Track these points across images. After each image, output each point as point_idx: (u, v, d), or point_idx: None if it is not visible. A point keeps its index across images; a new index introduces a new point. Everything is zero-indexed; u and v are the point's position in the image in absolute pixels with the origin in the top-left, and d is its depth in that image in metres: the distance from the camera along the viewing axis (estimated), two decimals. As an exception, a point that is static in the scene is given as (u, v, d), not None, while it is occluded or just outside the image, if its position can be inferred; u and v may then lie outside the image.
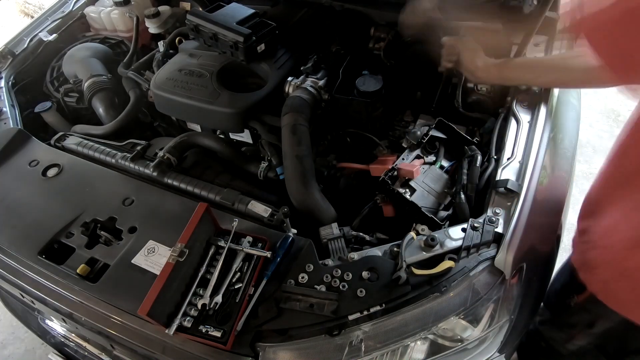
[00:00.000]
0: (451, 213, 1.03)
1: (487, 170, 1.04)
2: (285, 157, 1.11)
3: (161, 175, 1.17)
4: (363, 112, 1.22)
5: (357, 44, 1.46)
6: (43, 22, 1.71)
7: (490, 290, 0.84)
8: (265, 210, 1.04)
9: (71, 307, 0.96)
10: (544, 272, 1.04)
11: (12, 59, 1.56)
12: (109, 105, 1.46)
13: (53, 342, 1.44)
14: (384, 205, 1.10)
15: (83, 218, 1.05)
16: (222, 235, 0.94)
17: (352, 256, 0.90)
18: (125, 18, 1.68)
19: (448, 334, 0.85)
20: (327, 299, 0.81)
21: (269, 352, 0.82)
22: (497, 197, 0.93)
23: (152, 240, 0.98)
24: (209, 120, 1.28)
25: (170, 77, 1.29)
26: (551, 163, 1.03)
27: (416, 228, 0.90)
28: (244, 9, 1.34)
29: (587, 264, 0.99)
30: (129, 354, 1.04)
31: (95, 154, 1.25)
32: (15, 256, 1.02)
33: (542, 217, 0.96)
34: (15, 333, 2.03)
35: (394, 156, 1.15)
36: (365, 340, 0.80)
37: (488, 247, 0.86)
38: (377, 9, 1.39)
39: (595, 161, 2.55)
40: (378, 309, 0.81)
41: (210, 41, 1.30)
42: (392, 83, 1.23)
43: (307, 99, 1.18)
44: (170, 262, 0.80)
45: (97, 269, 0.98)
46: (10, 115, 1.39)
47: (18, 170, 1.20)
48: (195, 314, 0.83)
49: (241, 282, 0.87)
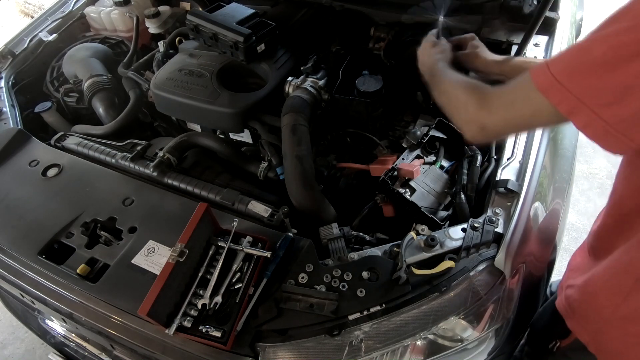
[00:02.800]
0: (451, 213, 1.03)
1: (487, 170, 1.04)
2: (285, 157, 1.11)
3: (161, 175, 1.17)
4: (363, 112, 1.22)
5: (357, 44, 1.46)
6: (43, 22, 1.71)
7: (490, 290, 0.84)
8: (265, 210, 1.04)
9: (71, 307, 0.96)
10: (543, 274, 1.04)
11: (12, 59, 1.56)
12: (109, 105, 1.46)
13: (53, 342, 1.44)
14: (384, 205, 1.10)
15: (83, 218, 1.05)
16: (222, 235, 0.94)
17: (352, 256, 0.90)
18: (125, 18, 1.68)
19: (448, 334, 0.85)
20: (327, 299, 0.81)
21: (269, 352, 0.82)
22: (497, 197, 0.93)
23: (152, 240, 0.98)
24: (209, 120, 1.28)
25: (170, 77, 1.29)
26: (551, 163, 1.03)
27: (416, 228, 0.90)
28: (244, 9, 1.34)
29: (575, 312, 0.89)
30: (129, 354, 1.04)
31: (95, 154, 1.25)
32: (15, 256, 1.02)
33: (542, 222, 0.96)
34: (15, 333, 2.03)
35: (394, 156, 1.15)
36: (365, 340, 0.80)
37: (488, 247, 0.87)
38: (377, 9, 1.39)
39: (595, 161, 2.55)
40: (378, 309, 0.81)
41: (210, 41, 1.30)
42: (392, 83, 1.23)
43: (307, 99, 1.18)
44: (170, 262, 0.80)
45: (97, 269, 0.98)
46: (10, 115, 1.39)
47: (18, 170, 1.20)
48: (195, 314, 0.82)
49: (241, 282, 0.87)
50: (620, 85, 0.51)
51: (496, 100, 0.70)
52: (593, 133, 0.55)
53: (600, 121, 0.53)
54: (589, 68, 0.53)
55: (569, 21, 1.33)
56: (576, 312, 0.89)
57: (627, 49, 0.49)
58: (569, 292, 0.91)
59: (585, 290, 0.86)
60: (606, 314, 0.79)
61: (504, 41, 1.25)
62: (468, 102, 0.73)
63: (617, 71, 0.50)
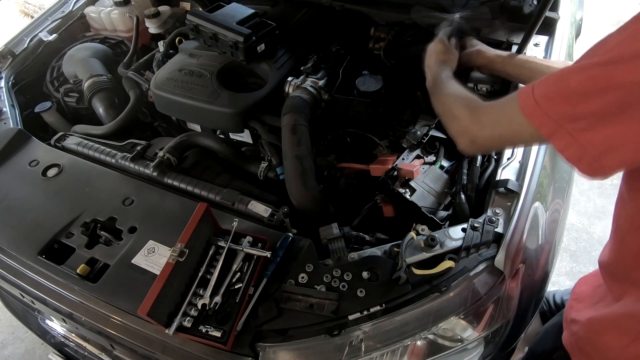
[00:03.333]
0: (451, 213, 1.03)
1: (487, 170, 1.04)
2: (285, 157, 1.11)
3: (161, 175, 1.17)
4: (363, 112, 1.22)
5: (357, 44, 1.46)
6: (43, 22, 1.71)
7: (490, 290, 0.84)
8: (265, 210, 1.04)
9: (71, 307, 0.96)
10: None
11: (12, 59, 1.56)
12: (109, 105, 1.46)
13: (53, 342, 1.44)
14: (384, 205, 1.10)
15: (83, 218, 1.05)
16: (222, 235, 0.94)
17: (352, 256, 0.90)
18: (125, 18, 1.68)
19: (448, 334, 0.85)
20: (327, 299, 0.81)
21: (269, 352, 0.82)
22: (497, 197, 0.93)
23: (152, 240, 0.98)
24: (209, 120, 1.28)
25: (170, 77, 1.29)
26: (551, 163, 1.03)
27: (416, 228, 0.90)
28: (244, 9, 1.34)
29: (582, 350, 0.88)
30: (129, 354, 1.04)
31: (95, 154, 1.25)
32: (15, 256, 1.02)
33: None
34: (15, 333, 2.03)
35: (394, 156, 1.15)
36: (365, 340, 0.80)
37: (488, 247, 0.86)
38: (377, 9, 1.39)
39: (595, 161, 2.54)
40: (378, 309, 0.81)
41: (210, 41, 1.30)
42: (392, 83, 1.23)
43: (307, 99, 1.18)
44: (170, 262, 0.80)
45: (97, 269, 0.98)
46: (10, 115, 1.39)
47: (18, 170, 1.20)
48: (195, 314, 0.82)
49: (241, 282, 0.87)
50: (591, 114, 0.55)
51: (486, 117, 0.74)
52: (570, 155, 0.59)
53: (577, 144, 0.57)
54: (567, 96, 0.57)
55: (569, 21, 1.33)
56: (583, 350, 0.88)
57: (598, 81, 0.53)
58: (574, 328, 0.91)
59: (591, 329, 0.86)
60: (612, 356, 0.79)
61: (504, 41, 1.25)
62: (461, 115, 0.78)
63: (589, 101, 0.54)
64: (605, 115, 0.53)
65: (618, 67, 0.51)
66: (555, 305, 1.62)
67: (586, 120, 0.55)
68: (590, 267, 1.93)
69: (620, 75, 0.51)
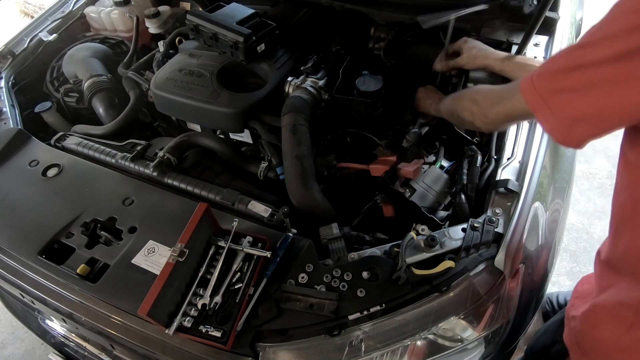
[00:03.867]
0: (451, 213, 1.03)
1: (487, 170, 1.04)
2: (285, 157, 1.11)
3: (161, 175, 1.17)
4: (363, 112, 1.22)
5: (357, 44, 1.46)
6: (43, 22, 1.71)
7: (490, 290, 0.84)
8: (265, 210, 1.04)
9: (71, 307, 0.96)
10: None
11: (12, 59, 1.56)
12: (109, 105, 1.46)
13: (53, 342, 1.44)
14: (384, 205, 1.10)
15: (83, 218, 1.05)
16: (222, 235, 0.94)
17: (352, 256, 0.90)
18: (125, 18, 1.68)
19: (448, 334, 0.85)
20: (327, 299, 0.81)
21: (269, 352, 0.82)
22: (497, 197, 0.93)
23: (152, 240, 0.98)
24: (209, 120, 1.28)
25: (170, 77, 1.29)
26: (551, 163, 1.03)
27: (416, 228, 0.90)
28: (244, 9, 1.34)
29: (580, 346, 0.92)
30: (129, 354, 1.04)
31: (95, 154, 1.25)
32: (15, 256, 1.02)
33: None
34: (15, 333, 2.03)
35: (394, 156, 1.15)
36: (365, 340, 0.80)
37: (488, 247, 0.86)
38: (377, 9, 1.39)
39: (595, 161, 2.55)
40: (378, 309, 0.81)
41: (210, 41, 1.30)
42: (392, 83, 1.23)
43: (307, 99, 1.18)
44: (170, 262, 0.80)
45: (97, 269, 0.98)
46: (10, 115, 1.39)
47: (18, 170, 1.20)
48: (195, 314, 0.83)
49: (241, 282, 0.87)
50: (568, 89, 0.63)
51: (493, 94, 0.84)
52: (548, 127, 0.68)
53: (554, 118, 0.65)
54: (554, 72, 0.66)
55: (569, 21, 1.33)
56: (580, 346, 0.91)
57: (575, 60, 0.62)
58: (573, 324, 0.93)
59: (587, 321, 0.87)
60: (607, 348, 0.81)
61: (504, 41, 1.25)
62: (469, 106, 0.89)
63: (567, 78, 0.63)
64: (578, 89, 0.62)
65: (588, 48, 0.60)
66: (559, 306, 1.63)
67: (565, 94, 0.64)
68: (590, 267, 1.92)
69: (589, 55, 0.59)
